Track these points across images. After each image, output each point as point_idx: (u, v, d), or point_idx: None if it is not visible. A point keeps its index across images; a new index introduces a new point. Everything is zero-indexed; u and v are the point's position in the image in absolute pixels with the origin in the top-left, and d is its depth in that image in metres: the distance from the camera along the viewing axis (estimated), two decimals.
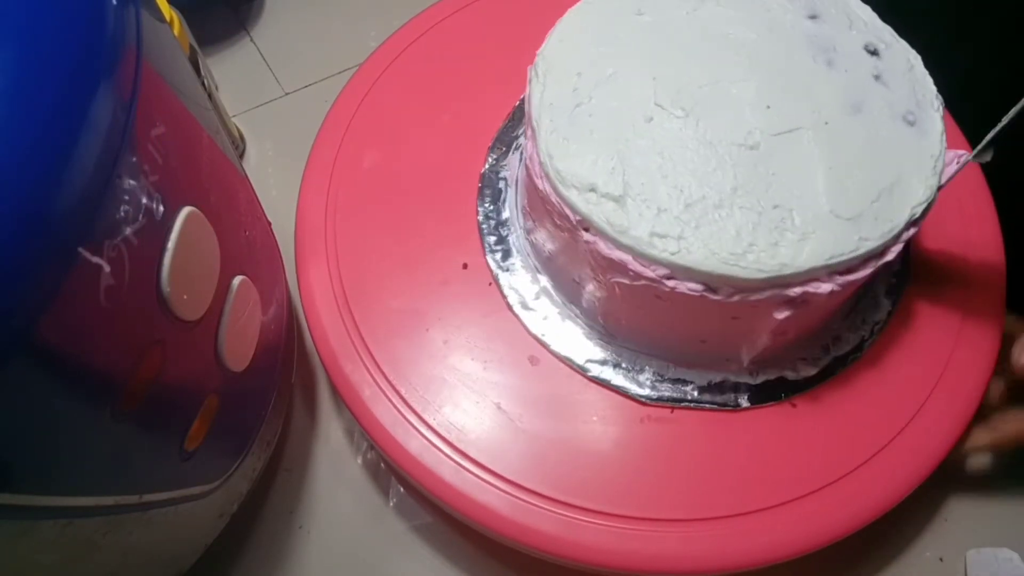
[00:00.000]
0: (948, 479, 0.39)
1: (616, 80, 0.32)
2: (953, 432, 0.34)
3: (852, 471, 0.33)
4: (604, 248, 0.29)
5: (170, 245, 0.22)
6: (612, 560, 0.31)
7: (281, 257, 0.37)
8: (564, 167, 0.29)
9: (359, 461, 0.40)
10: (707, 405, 0.34)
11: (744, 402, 0.34)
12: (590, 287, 0.32)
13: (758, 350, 0.33)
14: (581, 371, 0.34)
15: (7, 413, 0.17)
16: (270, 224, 0.36)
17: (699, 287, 0.28)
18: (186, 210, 0.23)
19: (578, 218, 0.29)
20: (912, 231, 0.29)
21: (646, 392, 0.34)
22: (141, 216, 0.20)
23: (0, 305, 0.16)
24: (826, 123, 0.30)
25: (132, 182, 0.20)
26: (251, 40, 0.54)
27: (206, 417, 0.27)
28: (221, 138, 0.30)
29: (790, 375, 0.34)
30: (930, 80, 0.32)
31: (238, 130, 0.49)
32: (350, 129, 0.41)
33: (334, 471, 0.40)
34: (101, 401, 0.20)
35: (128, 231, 0.20)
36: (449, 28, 0.44)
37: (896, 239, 0.29)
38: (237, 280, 0.28)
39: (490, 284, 0.36)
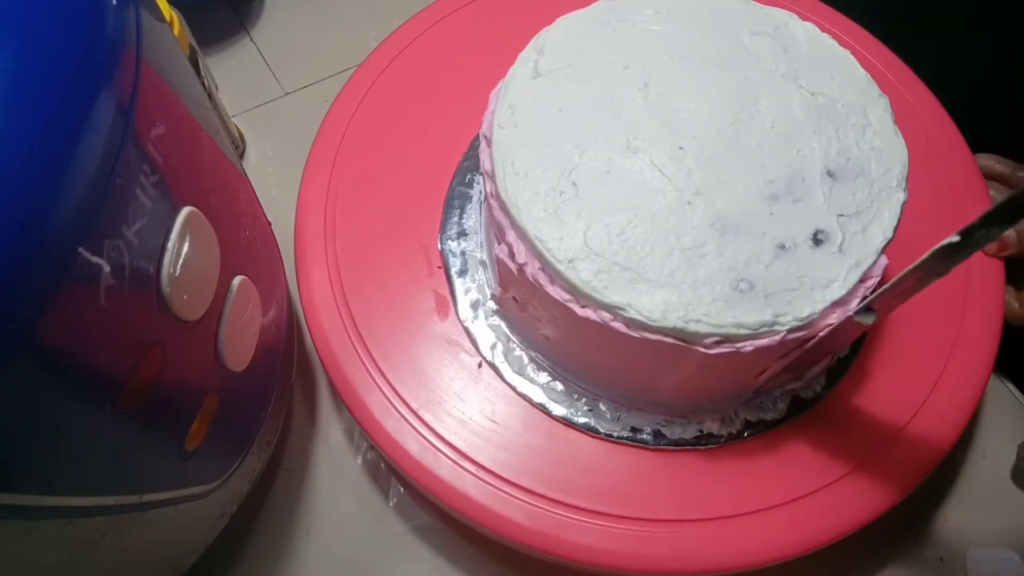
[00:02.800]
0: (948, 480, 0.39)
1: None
2: (953, 431, 0.34)
3: (849, 473, 0.33)
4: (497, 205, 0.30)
5: (170, 245, 0.22)
6: (612, 560, 0.31)
7: (281, 257, 0.37)
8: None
9: (359, 461, 0.40)
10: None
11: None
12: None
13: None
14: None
15: (7, 413, 0.17)
16: (270, 224, 0.36)
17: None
18: (186, 210, 0.23)
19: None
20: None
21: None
22: (141, 216, 0.20)
23: (0, 305, 0.16)
24: (688, 203, 0.28)
25: (132, 182, 0.20)
26: (251, 40, 0.54)
27: (206, 417, 0.27)
28: (221, 138, 0.30)
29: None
30: (813, 310, 0.27)
31: (238, 130, 0.49)
32: (350, 129, 0.41)
33: (334, 471, 0.40)
34: (101, 401, 0.20)
35: (128, 231, 0.19)
36: (449, 27, 0.44)
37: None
38: (237, 280, 0.28)
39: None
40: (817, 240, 0.28)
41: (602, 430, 0.33)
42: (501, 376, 0.34)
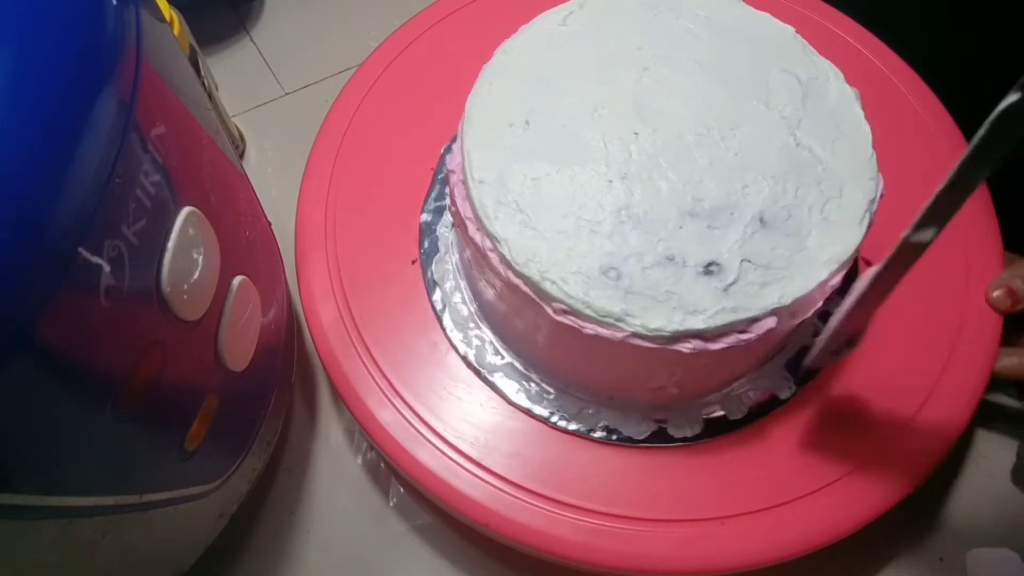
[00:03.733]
0: (948, 477, 0.39)
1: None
2: (954, 430, 0.34)
3: (848, 473, 0.33)
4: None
5: (170, 245, 0.22)
6: (611, 560, 0.31)
7: (281, 257, 0.37)
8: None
9: (359, 461, 0.40)
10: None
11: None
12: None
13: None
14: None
15: (7, 413, 0.17)
16: (270, 224, 0.36)
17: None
18: (186, 210, 0.23)
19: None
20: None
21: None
22: (141, 216, 0.20)
23: (0, 305, 0.16)
24: (609, 182, 0.29)
25: (132, 182, 0.20)
26: (251, 40, 0.54)
27: (206, 417, 0.27)
28: (221, 138, 0.30)
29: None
30: (663, 326, 0.27)
31: (238, 130, 0.49)
32: (350, 129, 0.41)
33: (334, 471, 0.40)
34: (101, 401, 0.20)
35: (128, 231, 0.20)
36: (449, 27, 0.44)
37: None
38: (237, 280, 0.28)
39: None
40: (708, 270, 0.27)
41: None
42: (423, 275, 0.37)
